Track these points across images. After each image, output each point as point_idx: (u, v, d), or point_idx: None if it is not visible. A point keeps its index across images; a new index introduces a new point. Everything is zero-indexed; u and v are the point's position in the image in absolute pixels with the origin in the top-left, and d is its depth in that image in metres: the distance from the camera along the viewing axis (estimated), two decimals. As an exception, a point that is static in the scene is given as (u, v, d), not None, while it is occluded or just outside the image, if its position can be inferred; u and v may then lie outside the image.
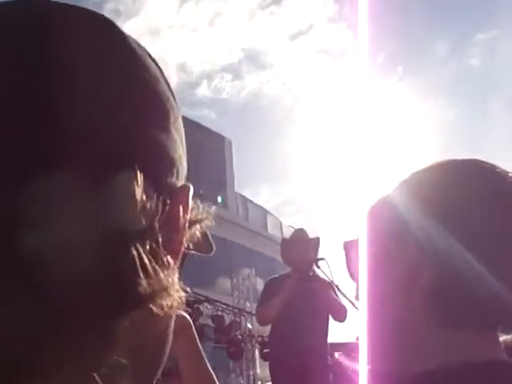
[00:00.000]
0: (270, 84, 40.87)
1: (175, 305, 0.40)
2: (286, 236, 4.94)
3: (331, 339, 4.51)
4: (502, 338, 0.79)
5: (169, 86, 0.47)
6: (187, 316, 1.17)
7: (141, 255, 0.38)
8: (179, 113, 0.47)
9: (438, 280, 0.77)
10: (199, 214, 0.48)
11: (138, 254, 0.38)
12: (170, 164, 0.44)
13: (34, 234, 0.35)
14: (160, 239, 0.40)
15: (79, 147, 0.38)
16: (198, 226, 0.48)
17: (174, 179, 0.44)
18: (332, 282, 4.32)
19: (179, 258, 0.44)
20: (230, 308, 13.07)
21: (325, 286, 4.33)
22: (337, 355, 3.92)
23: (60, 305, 0.35)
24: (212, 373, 1.22)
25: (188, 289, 0.42)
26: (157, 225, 0.40)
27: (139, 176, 0.39)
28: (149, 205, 0.39)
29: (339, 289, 4.29)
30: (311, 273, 4.40)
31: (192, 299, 9.44)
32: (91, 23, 0.44)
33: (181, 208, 0.43)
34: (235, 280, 16.73)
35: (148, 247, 0.39)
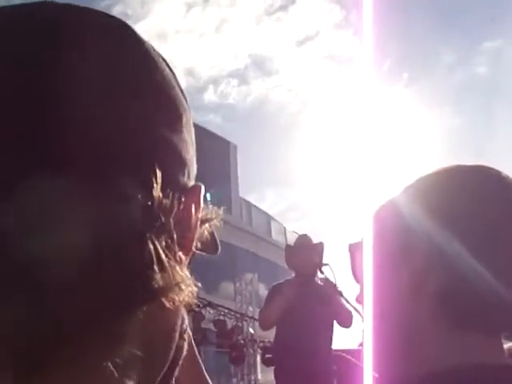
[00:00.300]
0: (276, 90, 40.95)
1: (186, 299, 0.41)
2: (290, 242, 4.94)
3: (334, 346, 4.50)
4: (506, 346, 0.79)
5: (181, 90, 0.48)
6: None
7: (157, 249, 0.39)
8: (191, 115, 0.48)
9: (445, 285, 0.77)
10: (208, 214, 0.49)
11: (155, 249, 0.39)
12: (182, 164, 0.45)
13: (32, 236, 0.36)
14: (174, 236, 0.41)
15: (81, 149, 0.38)
16: (207, 226, 0.49)
17: (186, 179, 0.45)
18: (336, 288, 4.31)
19: (190, 255, 0.45)
20: (233, 313, 13.06)
21: (329, 291, 4.33)
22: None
23: (62, 303, 0.36)
24: (209, 380, 1.22)
25: (199, 284, 0.43)
26: (172, 222, 0.41)
27: (158, 174, 0.40)
28: (165, 202, 0.41)
29: (343, 295, 4.28)
30: (315, 278, 4.39)
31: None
32: (104, 25, 0.44)
33: (193, 207, 0.44)
34: (238, 285, 16.72)
35: (164, 243, 0.40)
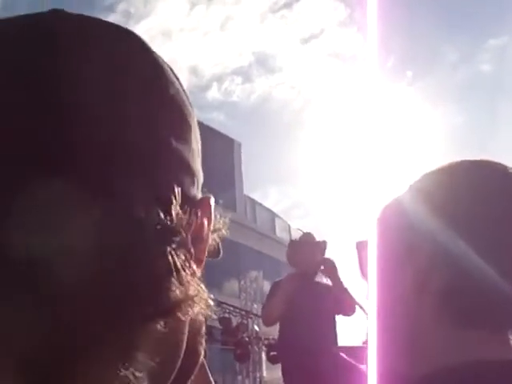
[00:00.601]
0: (280, 87, 40.90)
1: (201, 313, 0.42)
2: (295, 239, 4.94)
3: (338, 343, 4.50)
4: None
5: (187, 98, 0.48)
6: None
7: (176, 264, 0.40)
8: (196, 124, 0.49)
9: (449, 284, 0.77)
10: (216, 224, 0.49)
11: (174, 263, 0.40)
12: (192, 176, 0.46)
13: (40, 240, 0.36)
14: (192, 250, 0.42)
15: (84, 151, 0.39)
16: (215, 235, 0.50)
17: (195, 190, 0.46)
18: (342, 285, 4.32)
19: (201, 266, 0.45)
20: (238, 310, 13.07)
21: (330, 286, 4.34)
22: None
23: (75, 314, 0.36)
24: None
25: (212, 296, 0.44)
26: (189, 235, 0.42)
27: (177, 190, 0.42)
28: (182, 215, 0.42)
29: (348, 292, 4.29)
30: (318, 276, 4.40)
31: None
32: (110, 32, 0.45)
33: (206, 219, 0.45)
34: (243, 282, 16.73)
35: (183, 256, 0.41)
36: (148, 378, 0.39)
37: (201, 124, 0.50)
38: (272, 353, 9.15)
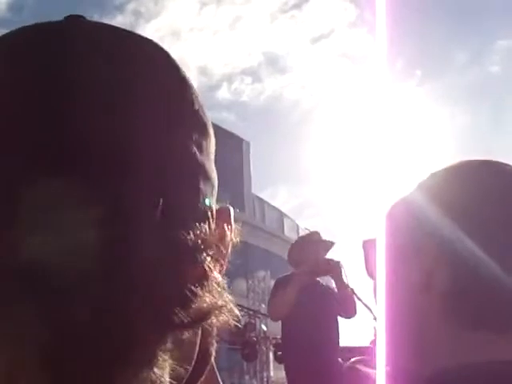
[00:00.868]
0: (290, 87, 40.89)
1: (225, 322, 0.42)
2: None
3: (343, 343, 4.50)
4: None
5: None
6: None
7: (206, 274, 0.41)
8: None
9: (456, 283, 0.77)
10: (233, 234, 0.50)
11: (204, 273, 0.41)
12: (212, 186, 0.46)
13: (39, 239, 0.36)
14: (222, 262, 0.44)
15: (90, 152, 0.39)
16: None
17: (214, 200, 0.47)
18: (348, 285, 4.31)
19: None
20: (245, 310, 13.07)
21: (331, 287, 4.34)
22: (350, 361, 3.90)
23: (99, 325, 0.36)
24: None
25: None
26: (217, 245, 0.43)
27: (212, 206, 0.43)
28: (209, 225, 0.43)
29: (355, 292, 4.28)
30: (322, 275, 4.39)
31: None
32: (139, 48, 0.45)
33: (228, 229, 0.46)
34: (251, 282, 16.73)
35: (211, 267, 0.42)
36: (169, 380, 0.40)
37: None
38: (279, 352, 9.15)
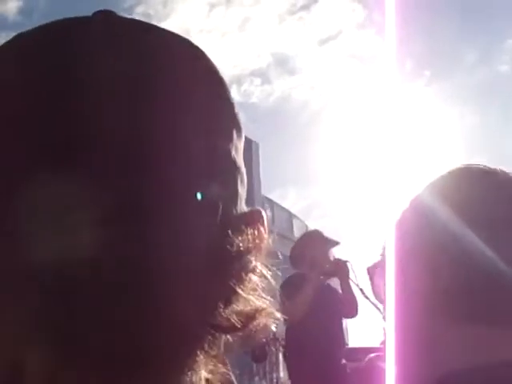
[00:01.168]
0: (299, 88, 40.80)
1: (266, 326, 0.43)
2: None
3: (353, 344, 4.48)
4: None
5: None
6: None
7: (249, 275, 0.41)
8: None
9: (466, 282, 0.77)
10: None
11: (247, 274, 0.41)
12: (245, 188, 0.46)
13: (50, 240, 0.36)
14: (258, 270, 0.43)
15: (102, 147, 0.38)
16: None
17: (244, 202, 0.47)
18: (357, 286, 4.29)
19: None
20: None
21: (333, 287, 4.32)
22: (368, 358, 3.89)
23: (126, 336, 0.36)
24: None
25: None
26: (258, 248, 0.43)
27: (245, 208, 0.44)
28: (257, 228, 0.43)
29: (364, 292, 4.26)
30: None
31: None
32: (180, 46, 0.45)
33: (264, 232, 0.46)
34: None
35: (253, 268, 0.42)
36: None
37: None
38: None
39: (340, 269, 4.31)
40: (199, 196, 0.38)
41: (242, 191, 0.45)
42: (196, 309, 0.37)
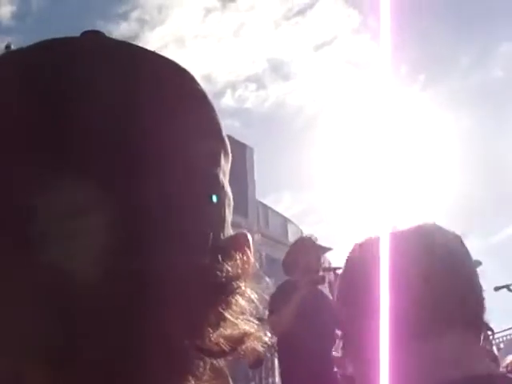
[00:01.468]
0: (294, 94, 40.86)
1: (254, 349, 0.43)
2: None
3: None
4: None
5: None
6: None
7: (237, 300, 0.41)
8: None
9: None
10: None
11: (234, 299, 0.41)
12: (231, 211, 0.46)
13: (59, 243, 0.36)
14: (246, 295, 0.43)
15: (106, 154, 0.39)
16: None
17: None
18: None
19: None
20: (250, 316, 13.03)
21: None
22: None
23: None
24: None
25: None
26: (245, 273, 0.43)
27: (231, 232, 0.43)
28: (244, 253, 0.43)
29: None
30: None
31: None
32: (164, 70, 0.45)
33: (250, 255, 0.45)
34: (255, 288, 16.65)
35: (241, 293, 0.42)
36: None
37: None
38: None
39: (330, 276, 4.31)
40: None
41: (229, 215, 0.45)
42: (186, 334, 0.38)
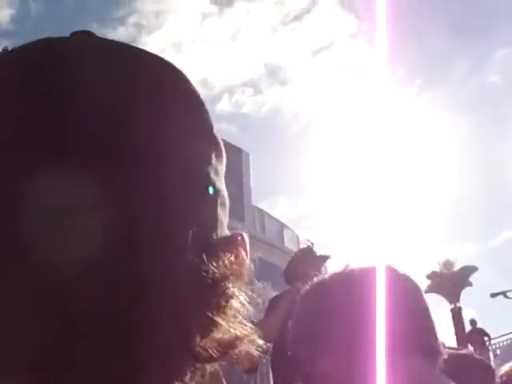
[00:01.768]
0: (291, 99, 40.97)
1: (248, 353, 0.42)
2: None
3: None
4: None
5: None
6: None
7: (229, 302, 0.40)
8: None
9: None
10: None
11: (227, 301, 0.40)
12: (226, 211, 0.45)
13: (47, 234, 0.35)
14: (235, 289, 0.42)
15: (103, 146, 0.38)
16: None
17: (226, 224, 0.45)
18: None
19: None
20: (245, 321, 13.01)
21: None
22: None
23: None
24: None
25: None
26: (239, 274, 0.42)
27: (227, 232, 0.43)
28: (229, 258, 0.41)
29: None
30: None
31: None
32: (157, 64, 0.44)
33: (245, 256, 0.44)
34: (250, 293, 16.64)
35: (235, 294, 0.41)
36: None
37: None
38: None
39: None
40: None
41: (223, 215, 0.43)
42: (177, 337, 0.37)
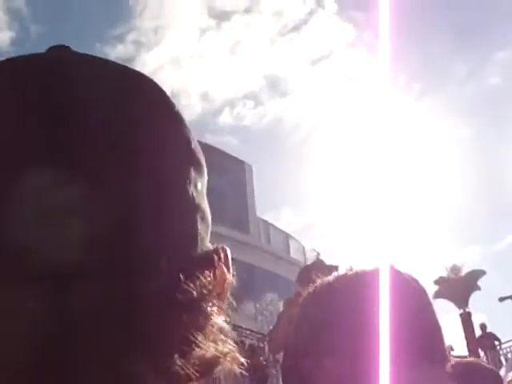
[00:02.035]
0: (292, 110, 41.03)
1: (230, 371, 0.41)
2: (310, 260, 4.93)
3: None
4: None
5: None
6: None
7: (210, 320, 0.40)
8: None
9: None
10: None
11: (207, 319, 0.39)
12: (207, 225, 0.44)
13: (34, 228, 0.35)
14: (217, 305, 0.41)
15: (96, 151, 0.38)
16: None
17: (208, 239, 0.45)
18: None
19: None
20: (254, 333, 12.97)
21: None
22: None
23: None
24: None
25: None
26: (220, 291, 0.42)
27: (209, 246, 0.42)
28: (213, 271, 0.41)
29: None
30: None
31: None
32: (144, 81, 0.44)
33: (226, 270, 0.44)
34: (258, 305, 16.63)
35: (215, 312, 0.40)
36: None
37: (211, 147, 0.50)
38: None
39: None
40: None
41: (203, 230, 0.43)
42: (149, 361, 0.36)
